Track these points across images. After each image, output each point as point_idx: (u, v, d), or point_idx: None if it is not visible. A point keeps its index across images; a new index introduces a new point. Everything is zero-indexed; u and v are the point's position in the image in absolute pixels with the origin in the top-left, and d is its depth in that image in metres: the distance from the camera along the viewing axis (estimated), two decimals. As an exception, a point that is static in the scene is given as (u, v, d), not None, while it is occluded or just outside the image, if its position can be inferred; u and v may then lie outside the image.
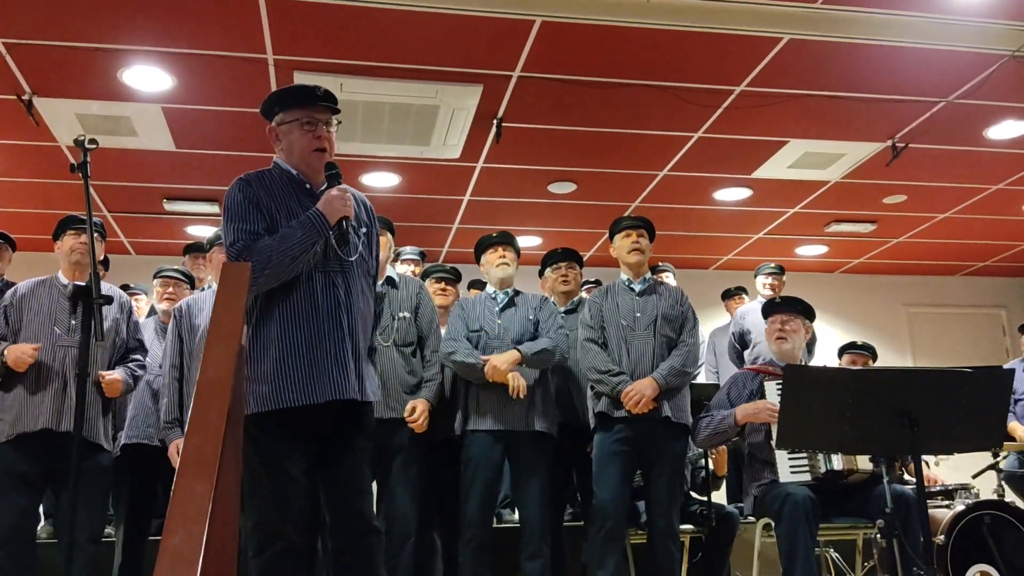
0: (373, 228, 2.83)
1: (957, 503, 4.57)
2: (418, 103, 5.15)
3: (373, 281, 2.80)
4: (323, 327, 2.54)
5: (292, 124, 2.68)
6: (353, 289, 2.63)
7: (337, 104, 2.75)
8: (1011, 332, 9.30)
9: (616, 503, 3.82)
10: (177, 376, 3.86)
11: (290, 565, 2.45)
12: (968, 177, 6.68)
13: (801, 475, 3.66)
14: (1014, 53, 4.83)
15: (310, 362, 2.51)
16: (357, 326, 2.62)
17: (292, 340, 2.53)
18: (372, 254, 2.80)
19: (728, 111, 5.44)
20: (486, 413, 3.87)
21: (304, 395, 2.50)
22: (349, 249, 2.62)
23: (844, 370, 3.69)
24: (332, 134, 2.73)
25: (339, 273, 2.62)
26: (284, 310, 2.55)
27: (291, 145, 2.68)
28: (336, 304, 2.58)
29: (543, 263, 4.76)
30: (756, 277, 6.41)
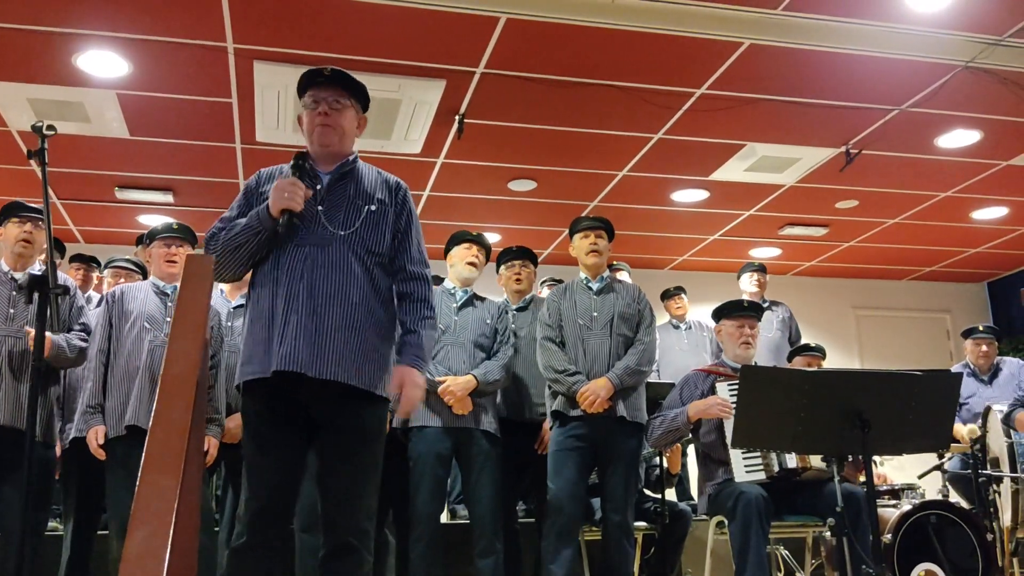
0: (394, 206, 2.71)
1: (904, 503, 4.68)
2: (380, 97, 5.11)
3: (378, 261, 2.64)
4: (278, 299, 2.50)
5: (304, 109, 2.70)
6: (328, 263, 2.53)
7: (351, 79, 2.70)
8: (955, 336, 9.54)
9: (571, 498, 3.85)
10: (104, 361, 3.77)
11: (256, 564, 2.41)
12: (918, 184, 6.83)
13: (756, 474, 3.72)
14: (967, 64, 4.95)
15: (261, 334, 2.49)
16: (326, 301, 2.50)
17: (255, 312, 2.54)
18: (380, 232, 2.64)
19: (688, 113, 5.49)
20: (435, 411, 3.87)
21: (257, 367, 2.48)
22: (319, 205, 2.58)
23: (799, 371, 3.76)
24: (346, 111, 2.67)
25: (317, 247, 2.54)
26: (257, 283, 2.59)
27: (306, 130, 2.70)
28: (299, 277, 2.50)
29: (498, 260, 4.77)
30: (740, 276, 6.47)
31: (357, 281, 2.56)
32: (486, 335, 4.05)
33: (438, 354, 3.98)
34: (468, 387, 3.85)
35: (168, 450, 1.19)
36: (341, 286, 2.53)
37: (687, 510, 4.59)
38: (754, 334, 4.06)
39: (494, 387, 3.99)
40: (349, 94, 2.70)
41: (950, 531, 4.21)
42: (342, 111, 2.67)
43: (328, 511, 2.50)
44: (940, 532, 4.19)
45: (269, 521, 2.47)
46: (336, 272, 2.53)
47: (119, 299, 3.85)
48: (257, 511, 2.46)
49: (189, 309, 1.57)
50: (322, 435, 2.54)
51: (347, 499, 2.51)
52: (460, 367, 3.93)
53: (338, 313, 2.51)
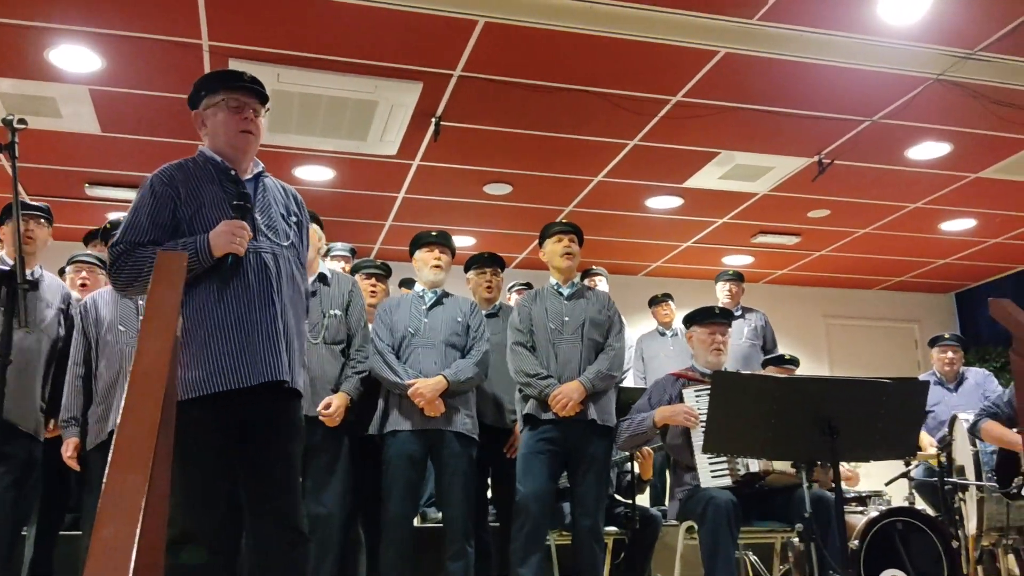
0: (303, 218, 2.79)
1: (871, 509, 4.73)
2: (356, 97, 5.10)
3: (303, 271, 2.74)
4: (254, 307, 2.47)
5: (218, 106, 2.63)
6: (283, 273, 2.58)
7: (265, 90, 2.70)
8: (923, 346, 9.66)
9: (539, 500, 3.85)
10: (81, 374, 3.79)
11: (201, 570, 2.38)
12: (889, 195, 6.92)
13: (721, 478, 3.74)
14: (938, 77, 5.02)
15: (241, 343, 2.44)
16: (288, 311, 2.55)
17: (222, 321, 2.45)
18: (303, 244, 2.75)
19: (664, 120, 5.53)
20: (408, 413, 3.85)
21: (235, 378, 2.42)
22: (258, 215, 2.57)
23: (770, 378, 3.79)
24: (260, 121, 2.67)
25: (270, 255, 2.56)
26: (213, 291, 2.47)
27: (216, 128, 2.62)
28: (269, 284, 2.51)
29: (467, 265, 4.77)
30: (716, 283, 6.51)
31: (299, 291, 2.64)
32: (458, 333, 4.03)
33: (408, 357, 3.96)
34: (438, 388, 3.83)
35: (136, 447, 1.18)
36: (291, 298, 2.59)
37: (657, 515, 4.61)
38: (725, 341, 4.09)
39: (467, 385, 3.96)
40: (262, 106, 2.70)
41: (916, 538, 4.26)
42: (259, 122, 2.67)
43: (268, 498, 2.48)
44: (906, 539, 4.24)
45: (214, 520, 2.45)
46: (290, 281, 2.59)
47: (91, 309, 3.86)
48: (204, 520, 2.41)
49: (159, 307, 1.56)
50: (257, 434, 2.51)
51: (289, 491, 2.52)
52: (431, 369, 3.90)
53: (293, 324, 2.58)
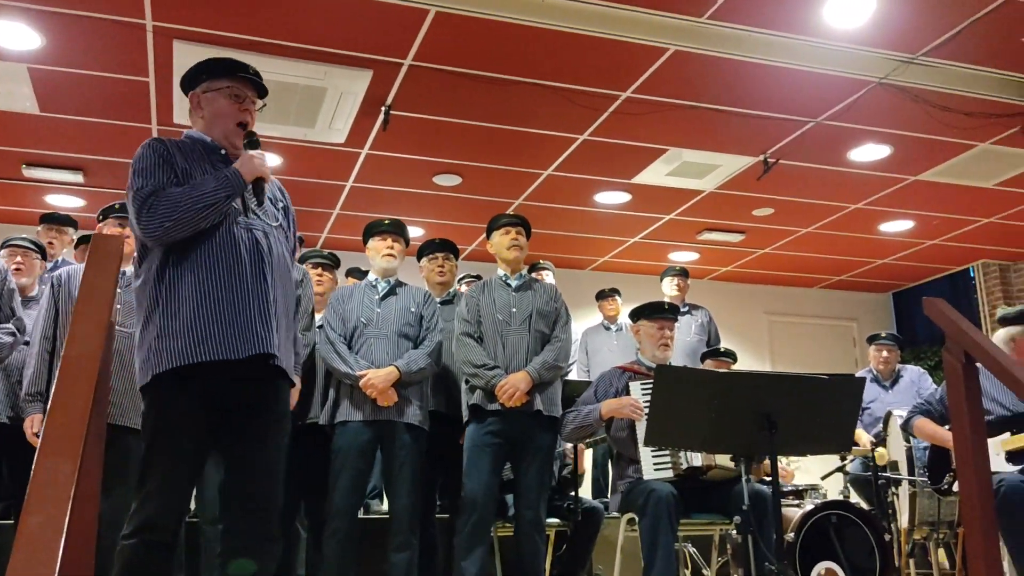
0: (289, 204, 2.80)
1: (807, 503, 4.83)
2: (304, 84, 5.04)
3: (292, 257, 2.73)
4: (246, 280, 2.44)
5: (219, 92, 2.62)
6: (275, 252, 2.56)
7: (263, 90, 2.73)
8: (860, 344, 9.89)
9: (485, 494, 3.85)
10: (49, 348, 3.68)
11: (157, 558, 2.32)
12: (831, 195, 7.06)
13: (664, 472, 3.78)
14: (881, 80, 5.13)
15: (232, 315, 2.39)
16: (278, 289, 2.53)
17: (212, 293, 2.40)
18: (291, 229, 2.75)
19: (613, 116, 5.56)
20: (359, 403, 3.82)
21: (224, 349, 2.36)
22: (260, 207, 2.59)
23: (711, 372, 3.84)
24: (256, 112, 2.70)
25: (263, 233, 2.55)
26: (203, 263, 2.43)
27: (215, 114, 2.62)
28: (261, 260, 2.49)
29: (419, 253, 4.75)
30: (662, 280, 6.55)
31: (289, 271, 2.64)
32: (411, 323, 4.01)
33: (361, 347, 3.93)
34: (390, 378, 3.81)
35: (67, 433, 1.14)
36: (284, 275, 2.58)
37: (599, 507, 4.65)
38: (672, 336, 4.13)
39: (419, 376, 3.93)
40: (261, 100, 2.73)
41: (850, 531, 4.36)
42: (255, 113, 2.70)
43: (250, 496, 2.44)
44: (840, 532, 4.34)
45: (182, 517, 2.41)
46: (281, 260, 2.58)
47: (65, 283, 3.75)
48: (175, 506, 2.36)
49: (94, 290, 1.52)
50: (244, 420, 2.46)
51: (273, 483, 2.47)
52: (383, 359, 3.87)
53: (285, 300, 2.56)
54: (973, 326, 2.04)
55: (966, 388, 2.02)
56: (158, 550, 2.32)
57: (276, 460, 2.49)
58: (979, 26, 4.58)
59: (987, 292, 8.98)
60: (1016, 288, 8.90)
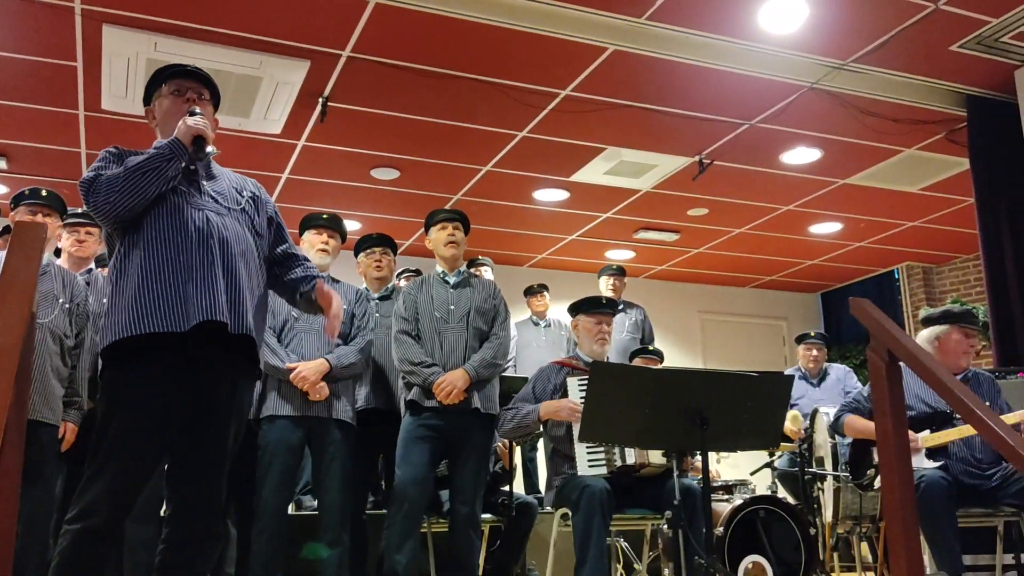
0: (263, 197, 2.75)
1: (736, 497, 4.92)
2: (239, 72, 4.94)
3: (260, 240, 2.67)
4: (192, 254, 2.42)
5: (163, 96, 2.65)
6: (230, 230, 2.53)
7: (210, 77, 2.72)
8: (790, 342, 10.12)
9: (417, 486, 3.83)
10: None
11: (95, 547, 2.26)
12: (763, 197, 7.21)
13: (598, 468, 3.81)
14: (812, 85, 5.25)
15: (175, 286, 2.37)
16: (235, 264, 2.49)
17: (157, 266, 2.40)
18: (260, 215, 2.70)
19: (553, 113, 5.58)
20: (287, 399, 3.77)
21: (167, 320, 2.33)
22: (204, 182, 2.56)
23: (645, 369, 3.88)
24: (207, 105, 2.67)
25: (215, 213, 2.53)
26: (150, 238, 2.43)
27: (165, 115, 2.63)
28: (208, 235, 2.46)
29: (357, 247, 4.70)
30: (599, 278, 6.59)
31: (252, 252, 2.61)
32: (343, 321, 3.97)
33: (290, 342, 3.88)
34: (320, 371, 3.76)
35: (-17, 428, 1.10)
36: (244, 251, 2.55)
37: (533, 503, 4.66)
38: (610, 331, 4.16)
39: (349, 372, 3.90)
40: (209, 91, 2.71)
41: (777, 525, 4.46)
42: (204, 104, 2.67)
43: (191, 494, 2.40)
44: (768, 526, 4.44)
45: (129, 506, 2.34)
46: (239, 238, 2.55)
47: None
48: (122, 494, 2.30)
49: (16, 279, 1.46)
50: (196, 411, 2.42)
51: (219, 480, 2.44)
52: (313, 354, 3.83)
53: (245, 274, 2.52)
54: (897, 326, 2.11)
55: (889, 386, 2.07)
56: (97, 538, 2.26)
57: (223, 452, 2.45)
58: (907, 35, 4.72)
59: (911, 293, 9.27)
60: (938, 290, 9.21)
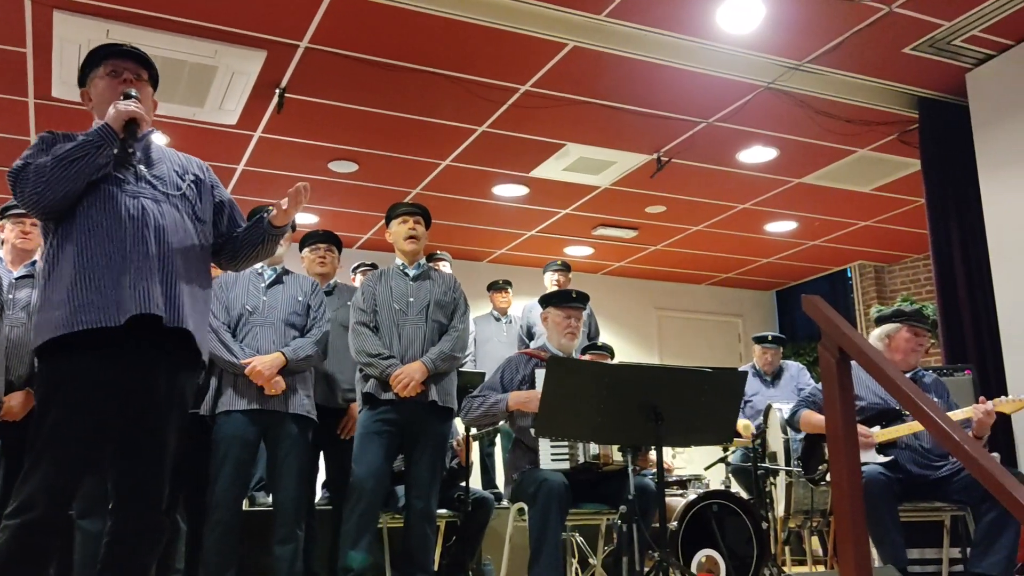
0: (207, 180, 2.69)
1: (690, 492, 4.97)
2: (193, 61, 4.86)
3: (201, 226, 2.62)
4: (125, 246, 2.36)
5: (98, 78, 2.58)
6: (167, 218, 2.47)
7: (147, 56, 2.64)
8: (745, 339, 10.25)
9: (374, 481, 3.81)
10: None
11: (36, 542, 2.21)
12: (720, 195, 7.27)
13: (561, 463, 3.82)
14: (769, 85, 5.31)
15: (109, 280, 2.32)
16: (173, 256, 2.44)
17: (90, 259, 2.34)
18: (202, 201, 2.64)
19: (512, 109, 5.57)
20: (242, 393, 3.73)
21: (101, 315, 2.29)
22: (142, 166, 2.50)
23: (601, 364, 3.90)
24: (144, 86, 2.60)
25: (152, 201, 2.47)
26: (83, 229, 2.37)
27: (99, 97, 2.56)
28: (143, 224, 2.41)
29: (302, 243, 4.67)
30: (545, 273, 6.61)
31: (192, 240, 2.55)
32: (298, 313, 3.94)
33: (245, 336, 3.83)
34: (276, 365, 3.72)
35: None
36: (183, 243, 2.50)
37: (489, 498, 4.66)
38: (579, 326, 4.17)
39: (306, 364, 3.86)
40: (147, 72, 2.64)
41: (730, 520, 4.51)
42: (142, 85, 2.60)
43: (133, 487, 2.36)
44: (721, 521, 4.49)
45: (68, 499, 2.30)
46: (177, 227, 2.50)
47: None
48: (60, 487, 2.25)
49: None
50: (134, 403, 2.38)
51: (160, 472, 2.40)
52: (269, 348, 3.79)
53: (183, 268, 2.47)
54: (848, 323, 2.13)
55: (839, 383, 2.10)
56: (38, 531, 2.22)
57: (163, 444, 2.42)
58: (861, 36, 4.80)
59: (863, 292, 9.43)
60: (889, 288, 9.38)
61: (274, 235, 2.70)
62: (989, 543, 3.58)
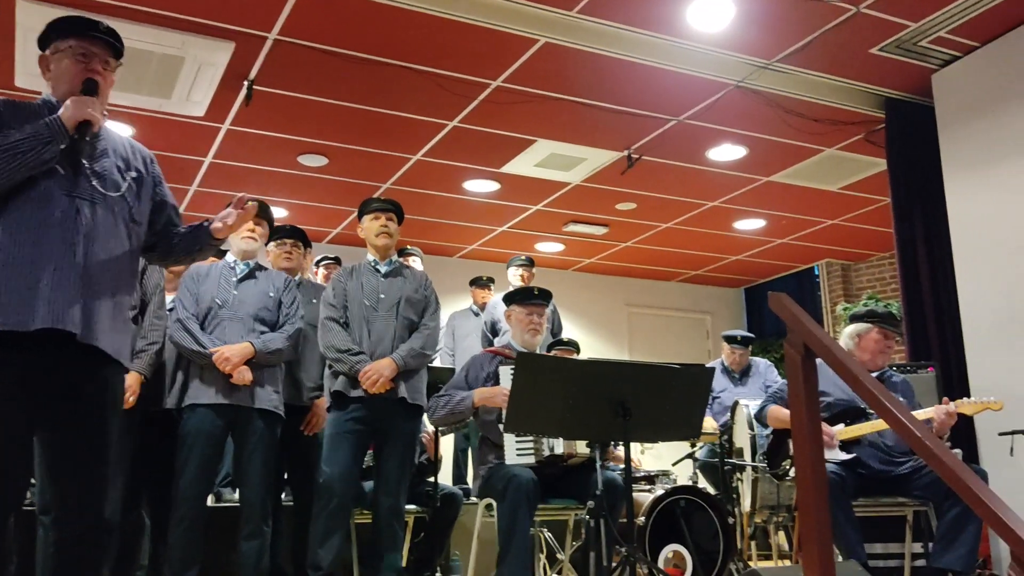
0: (147, 177, 2.61)
1: (658, 488, 5.00)
2: (160, 52, 4.79)
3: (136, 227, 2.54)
4: (53, 250, 2.28)
5: (64, 53, 2.48)
6: (100, 223, 2.39)
7: (122, 45, 2.56)
8: (714, 336, 10.32)
9: (344, 481, 3.79)
10: None
11: None
12: (690, 192, 7.32)
13: (526, 458, 3.82)
14: (738, 83, 5.35)
15: (28, 285, 2.24)
16: (100, 267, 2.36)
17: (11, 257, 2.26)
18: (140, 202, 2.56)
19: (483, 104, 5.56)
20: (209, 386, 3.69)
21: (15, 318, 2.21)
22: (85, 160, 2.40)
23: (570, 360, 3.91)
24: (109, 73, 2.53)
25: (89, 203, 2.38)
26: (12, 226, 2.28)
27: (60, 75, 2.47)
28: (75, 231, 2.32)
29: (268, 237, 4.62)
30: (508, 268, 6.61)
31: (122, 247, 2.47)
32: (269, 308, 3.90)
33: (214, 329, 3.79)
34: (244, 354, 3.68)
35: None
36: (112, 251, 2.42)
37: (458, 494, 4.66)
38: (542, 322, 4.18)
39: (275, 358, 3.83)
40: (116, 60, 2.56)
41: (697, 515, 4.55)
42: (107, 74, 2.53)
43: (69, 492, 2.30)
44: (688, 516, 4.52)
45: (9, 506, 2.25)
46: (108, 234, 2.42)
47: None
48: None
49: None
50: (60, 406, 2.31)
51: (98, 476, 2.33)
52: (238, 342, 3.75)
53: (108, 278, 2.39)
54: (812, 320, 2.15)
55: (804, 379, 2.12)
56: None
57: (100, 446, 2.35)
58: (829, 36, 4.84)
59: (830, 289, 9.54)
60: (856, 286, 9.50)
61: (212, 246, 2.68)
62: (951, 539, 3.64)
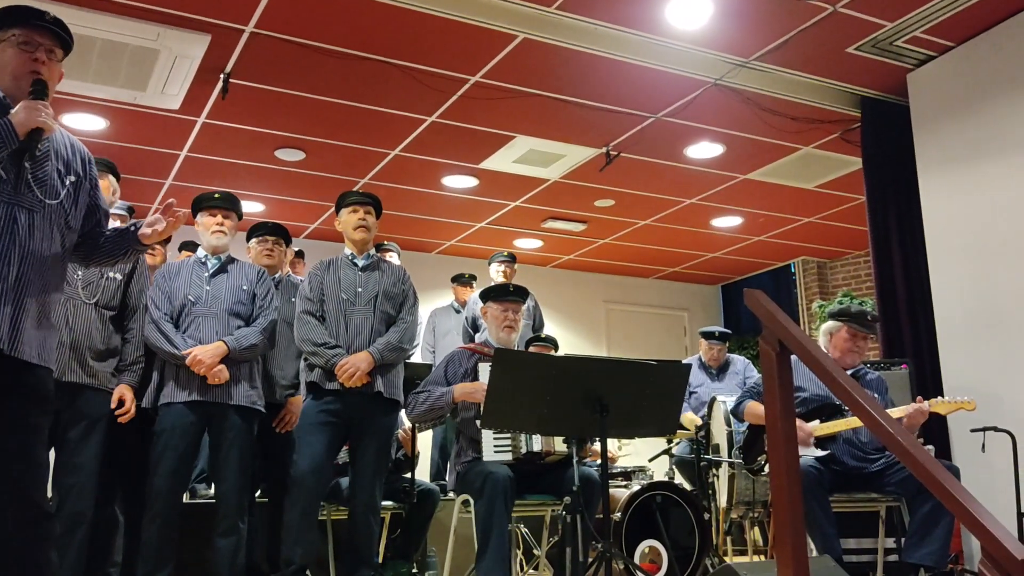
0: (86, 179, 2.55)
1: (634, 483, 5.02)
2: (135, 44, 4.74)
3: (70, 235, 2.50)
4: None
5: (8, 41, 2.42)
6: (37, 233, 2.35)
7: (69, 35, 2.50)
8: (691, 332, 10.38)
9: (317, 474, 3.77)
10: None
11: None
12: (668, 189, 7.34)
13: (503, 454, 3.83)
14: (716, 81, 5.37)
15: None
16: (31, 275, 2.32)
17: None
18: (76, 207, 2.50)
19: (462, 99, 5.55)
20: (185, 384, 3.66)
21: None
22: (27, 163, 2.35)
23: (548, 356, 3.91)
24: (55, 64, 2.47)
25: (26, 211, 2.33)
26: None
27: (3, 64, 2.41)
28: (11, 241, 2.28)
29: (249, 233, 4.59)
30: (490, 264, 6.59)
31: (55, 257, 2.43)
32: (243, 302, 3.86)
33: (188, 326, 3.75)
34: (218, 354, 3.65)
35: None
36: (43, 258, 2.37)
37: (435, 489, 4.66)
38: (517, 319, 4.18)
39: (250, 353, 3.79)
40: (63, 51, 2.51)
41: (673, 511, 4.57)
42: (52, 64, 2.47)
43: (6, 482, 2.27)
44: (665, 512, 4.54)
45: None
46: (41, 242, 2.37)
47: None
48: None
49: None
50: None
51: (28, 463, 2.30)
52: (212, 339, 3.72)
53: (37, 286, 2.35)
54: (788, 317, 2.17)
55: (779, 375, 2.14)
56: None
57: (29, 443, 2.31)
58: (806, 35, 4.87)
59: (805, 287, 9.61)
60: (831, 284, 9.58)
61: (139, 251, 2.66)
62: (924, 534, 3.68)
